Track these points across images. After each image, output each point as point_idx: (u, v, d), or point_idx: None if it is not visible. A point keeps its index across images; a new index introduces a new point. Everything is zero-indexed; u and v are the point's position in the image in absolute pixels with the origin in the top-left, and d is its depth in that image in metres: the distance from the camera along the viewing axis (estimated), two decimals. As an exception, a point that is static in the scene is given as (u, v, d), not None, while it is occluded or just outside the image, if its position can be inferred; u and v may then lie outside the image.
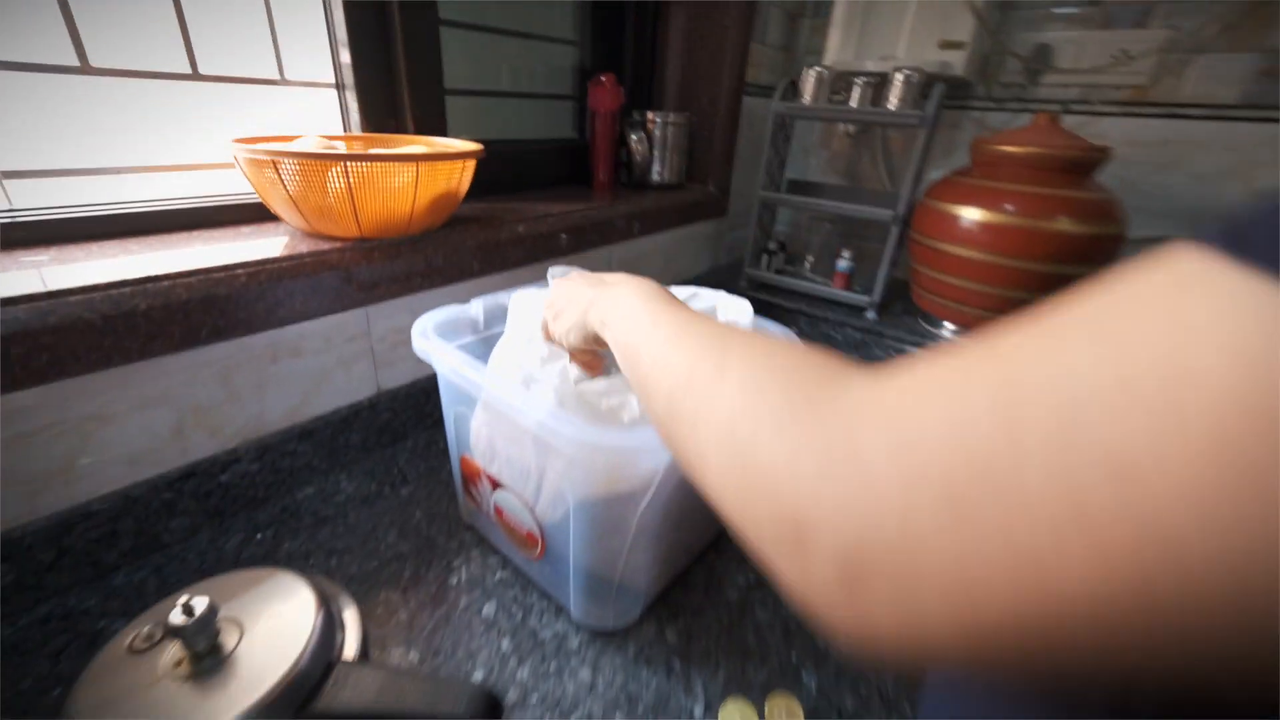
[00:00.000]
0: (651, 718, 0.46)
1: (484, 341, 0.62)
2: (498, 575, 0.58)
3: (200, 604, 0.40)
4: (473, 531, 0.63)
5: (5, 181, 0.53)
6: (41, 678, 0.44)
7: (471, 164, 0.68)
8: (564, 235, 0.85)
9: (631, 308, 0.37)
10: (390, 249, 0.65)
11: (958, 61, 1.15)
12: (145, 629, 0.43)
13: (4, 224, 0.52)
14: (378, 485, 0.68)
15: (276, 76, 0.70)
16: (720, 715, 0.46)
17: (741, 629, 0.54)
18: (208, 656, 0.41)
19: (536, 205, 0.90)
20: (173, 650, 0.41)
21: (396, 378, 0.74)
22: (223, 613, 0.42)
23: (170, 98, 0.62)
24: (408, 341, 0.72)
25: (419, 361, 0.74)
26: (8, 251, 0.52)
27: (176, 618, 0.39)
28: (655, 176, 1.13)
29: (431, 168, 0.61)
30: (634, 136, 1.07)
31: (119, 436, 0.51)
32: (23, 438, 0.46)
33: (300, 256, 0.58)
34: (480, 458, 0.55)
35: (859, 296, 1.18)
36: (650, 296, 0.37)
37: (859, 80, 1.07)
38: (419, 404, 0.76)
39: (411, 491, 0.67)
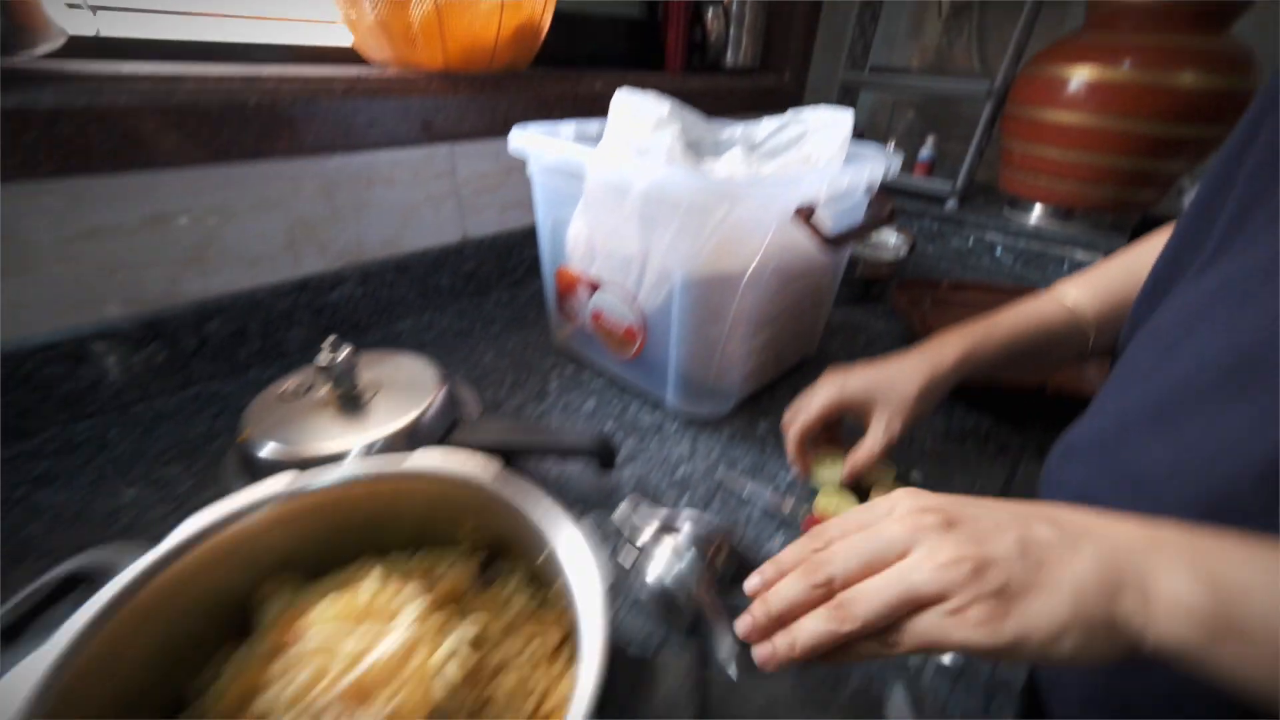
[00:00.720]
0: (751, 474, 0.47)
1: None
2: (594, 383, 0.60)
3: (344, 348, 0.43)
4: (565, 354, 0.65)
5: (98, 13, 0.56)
6: (203, 432, 0.49)
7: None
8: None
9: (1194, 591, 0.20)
10: (475, 82, 0.65)
11: None
12: (292, 383, 0.46)
13: (102, 38, 0.55)
14: (469, 324, 0.70)
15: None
16: (815, 468, 0.46)
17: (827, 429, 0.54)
18: (350, 399, 0.44)
19: (599, 74, 0.89)
20: (319, 395, 0.45)
21: (482, 227, 0.75)
22: (360, 372, 0.45)
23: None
24: (493, 188, 0.74)
25: (503, 212, 0.77)
26: (109, 60, 0.55)
27: (323, 358, 0.42)
28: (729, 59, 1.09)
29: (519, -10, 0.61)
30: (710, 13, 1.03)
31: (239, 236, 0.55)
32: (161, 219, 0.50)
33: (391, 79, 0.60)
34: (579, 263, 0.56)
35: (940, 185, 1.12)
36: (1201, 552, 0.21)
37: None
38: (502, 258, 0.78)
39: (502, 330, 0.69)
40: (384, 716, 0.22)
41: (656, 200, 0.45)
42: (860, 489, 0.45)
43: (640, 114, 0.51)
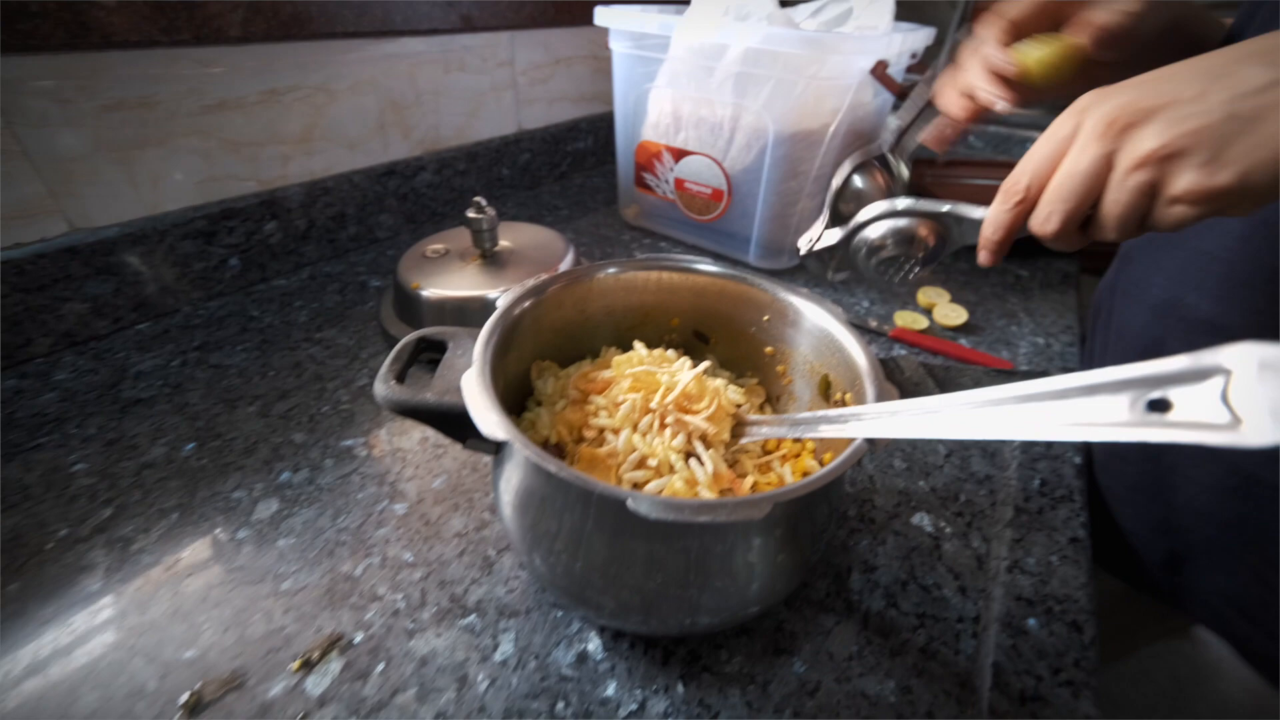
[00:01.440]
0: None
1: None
2: (675, 250, 0.65)
3: (488, 207, 0.46)
4: (639, 229, 0.70)
5: None
6: (333, 304, 0.52)
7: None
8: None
9: None
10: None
11: None
12: (431, 246, 0.50)
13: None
14: (535, 211, 0.73)
15: None
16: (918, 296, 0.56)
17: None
18: (491, 257, 0.48)
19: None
20: (461, 254, 0.49)
21: (534, 118, 0.77)
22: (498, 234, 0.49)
23: None
24: (545, 79, 0.75)
25: (550, 105, 0.79)
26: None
27: (473, 213, 0.46)
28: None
29: None
30: None
31: (341, 116, 0.55)
32: (274, 95, 0.50)
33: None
34: (662, 136, 0.60)
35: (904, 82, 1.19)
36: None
37: None
38: (550, 151, 0.80)
39: (570, 214, 0.73)
40: (709, 413, 0.29)
41: (755, 60, 0.50)
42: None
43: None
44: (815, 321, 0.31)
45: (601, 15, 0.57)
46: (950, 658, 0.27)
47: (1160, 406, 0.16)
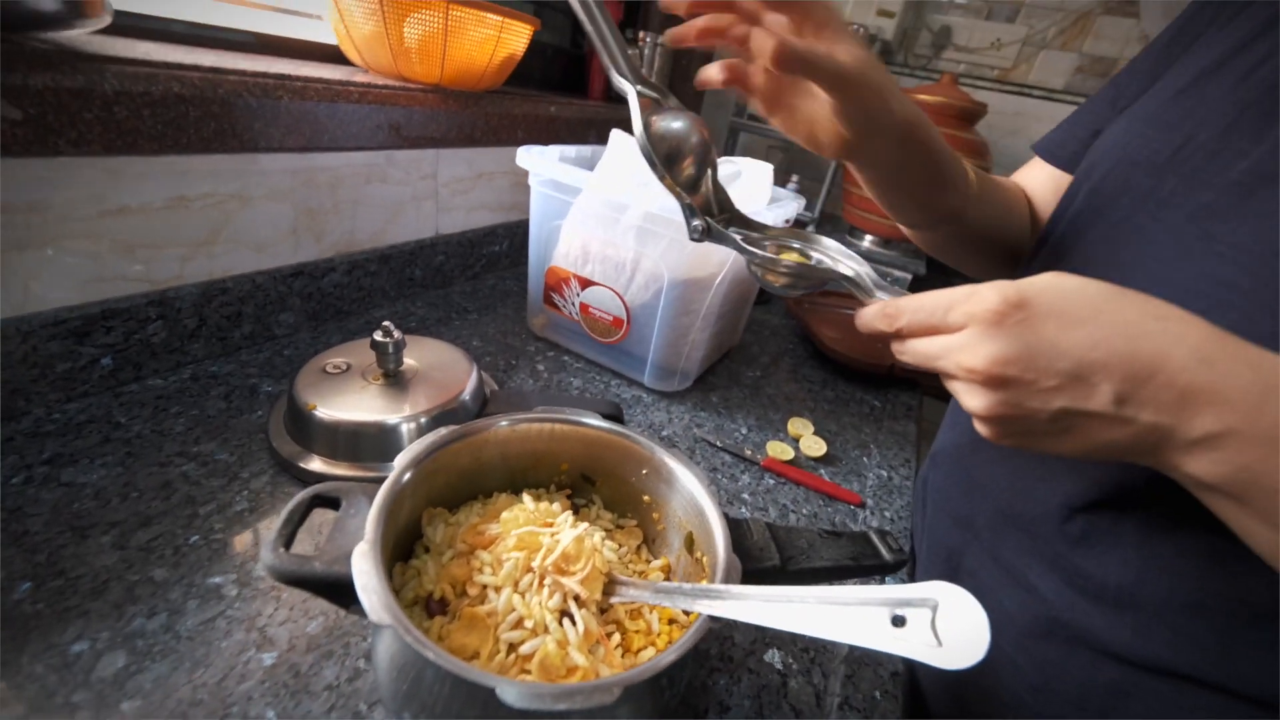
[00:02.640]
0: (715, 431, 0.63)
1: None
2: (575, 365, 0.70)
3: (395, 331, 0.49)
4: (545, 341, 0.74)
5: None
6: (215, 411, 0.50)
7: (529, 34, 0.76)
8: (582, 125, 0.96)
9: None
10: (464, 99, 0.72)
11: (888, 28, 1.41)
12: (332, 360, 0.51)
13: (116, 11, 0.54)
14: (443, 312, 0.76)
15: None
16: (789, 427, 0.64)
17: (759, 397, 0.72)
18: (393, 376, 0.50)
19: (551, 97, 0.99)
20: (362, 371, 0.50)
21: (452, 224, 0.81)
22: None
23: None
24: (466, 190, 0.81)
25: (469, 213, 0.84)
26: (123, 38, 0.54)
27: (379, 336, 0.48)
28: (643, 92, 1.24)
29: (510, 25, 0.69)
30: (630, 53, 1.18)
31: (252, 221, 0.56)
32: (183, 201, 0.50)
33: (400, 88, 0.65)
34: (571, 265, 0.66)
35: (804, 214, 1.40)
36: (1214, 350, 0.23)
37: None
38: (465, 254, 0.84)
39: (477, 319, 0.76)
40: (584, 575, 0.32)
41: (652, 220, 0.58)
42: None
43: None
44: (685, 484, 0.37)
45: (523, 158, 0.63)
46: (781, 801, 0.31)
47: (899, 622, 0.21)
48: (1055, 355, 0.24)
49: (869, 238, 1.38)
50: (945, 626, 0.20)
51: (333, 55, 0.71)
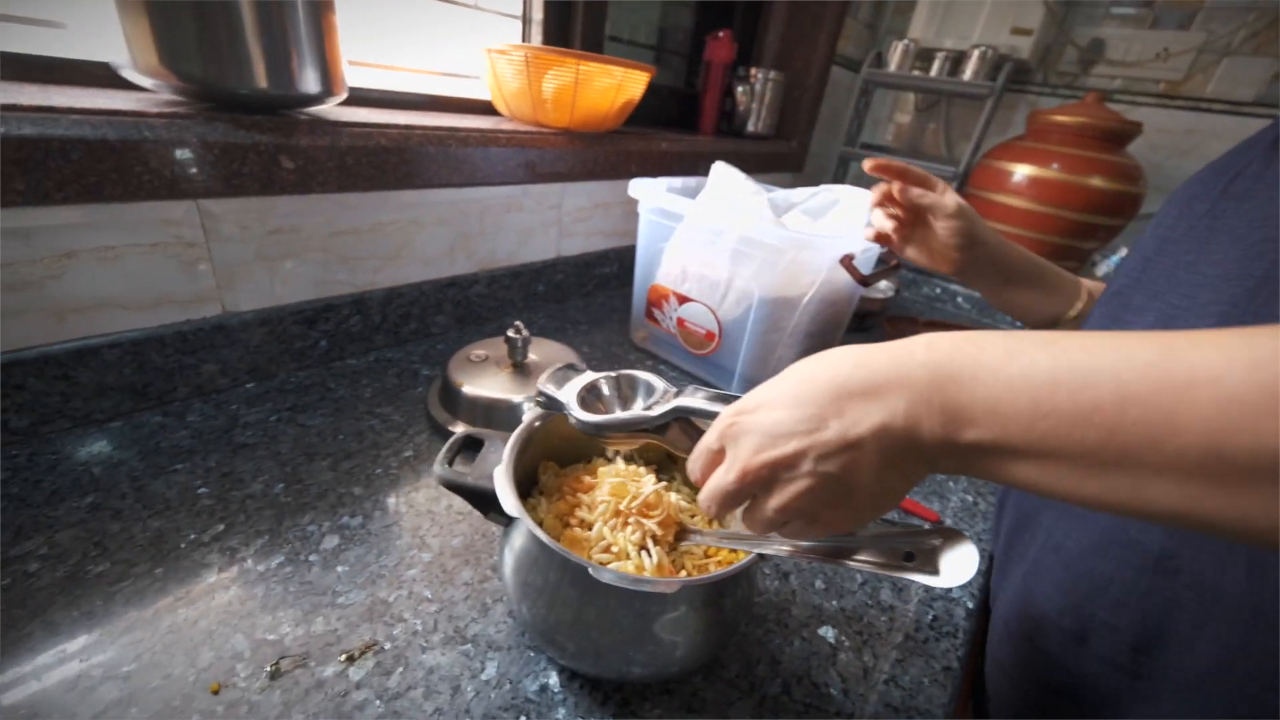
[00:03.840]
0: None
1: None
2: (670, 374, 0.79)
3: (524, 329, 0.61)
4: (644, 352, 0.84)
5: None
6: (391, 385, 0.65)
7: (646, 80, 0.88)
8: (692, 158, 1.06)
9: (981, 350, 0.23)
10: (588, 139, 0.85)
11: (1025, 47, 1.35)
12: (475, 351, 0.64)
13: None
14: (559, 323, 0.88)
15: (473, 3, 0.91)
16: None
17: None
18: (520, 366, 0.62)
19: (663, 133, 1.10)
20: (497, 361, 0.62)
21: (571, 248, 0.94)
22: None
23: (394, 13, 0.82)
24: (585, 219, 0.93)
25: (587, 238, 0.96)
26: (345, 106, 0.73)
27: (511, 333, 0.60)
28: (751, 127, 1.33)
29: (630, 75, 0.82)
30: (740, 89, 1.27)
31: (424, 241, 0.72)
32: (380, 226, 0.67)
33: (537, 132, 0.79)
34: (671, 282, 0.75)
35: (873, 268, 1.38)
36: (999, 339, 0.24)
37: (939, 54, 1.27)
38: (580, 274, 0.97)
39: (588, 330, 0.88)
40: (660, 517, 0.40)
41: (747, 242, 0.66)
42: None
43: (736, 181, 0.72)
44: (747, 459, 0.43)
45: (634, 188, 0.74)
46: (815, 731, 0.37)
47: (909, 557, 0.27)
48: (778, 425, 0.26)
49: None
50: (944, 559, 0.26)
51: (486, 108, 0.88)
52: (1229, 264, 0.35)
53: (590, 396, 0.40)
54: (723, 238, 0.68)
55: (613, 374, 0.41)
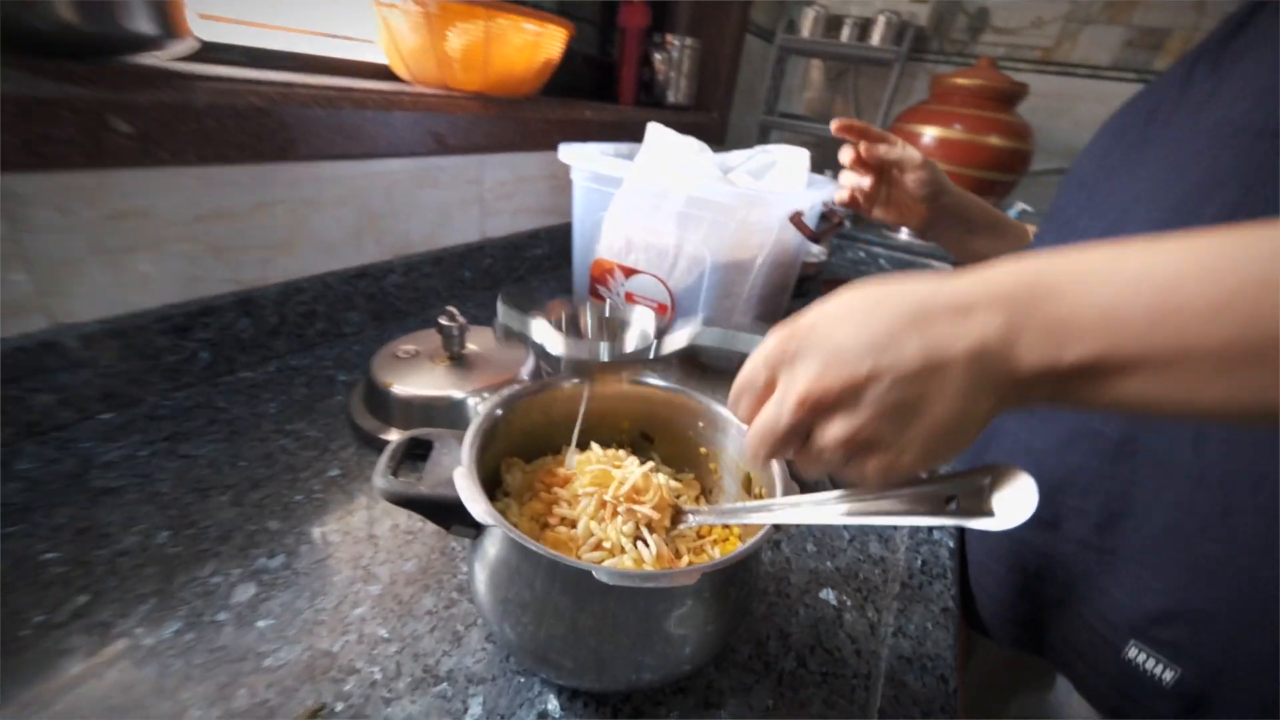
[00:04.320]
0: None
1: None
2: (623, 353, 0.73)
3: (459, 316, 0.53)
4: (590, 332, 0.78)
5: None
6: (301, 397, 0.55)
7: (565, 38, 0.81)
8: (615, 128, 1.00)
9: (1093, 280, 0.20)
10: (506, 105, 0.77)
11: (922, 14, 1.42)
12: (402, 347, 0.55)
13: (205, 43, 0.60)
14: (493, 312, 0.80)
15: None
16: None
17: None
18: (458, 359, 0.54)
19: (585, 103, 1.04)
20: (430, 355, 0.54)
21: (498, 228, 0.86)
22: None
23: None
24: (509, 195, 0.86)
25: (514, 216, 0.88)
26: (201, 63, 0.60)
27: (444, 320, 0.52)
28: (671, 97, 1.29)
29: (548, 31, 0.74)
30: (658, 56, 1.23)
31: (321, 225, 0.62)
32: (264, 206, 0.56)
33: (446, 95, 0.70)
34: (614, 255, 0.70)
35: (841, 210, 1.41)
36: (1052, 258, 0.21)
37: (847, 21, 1.29)
38: (510, 257, 0.89)
39: (524, 314, 0.80)
40: (653, 502, 0.35)
41: (694, 204, 0.61)
42: None
43: (675, 141, 0.67)
44: (740, 430, 0.39)
45: (564, 153, 0.68)
46: (846, 707, 0.33)
47: (951, 501, 0.24)
48: (845, 343, 0.23)
49: (905, 230, 1.39)
50: (997, 499, 0.23)
51: (383, 73, 0.78)
52: (1159, 177, 0.40)
53: (570, 329, 0.35)
54: (668, 201, 0.63)
55: (599, 304, 0.37)
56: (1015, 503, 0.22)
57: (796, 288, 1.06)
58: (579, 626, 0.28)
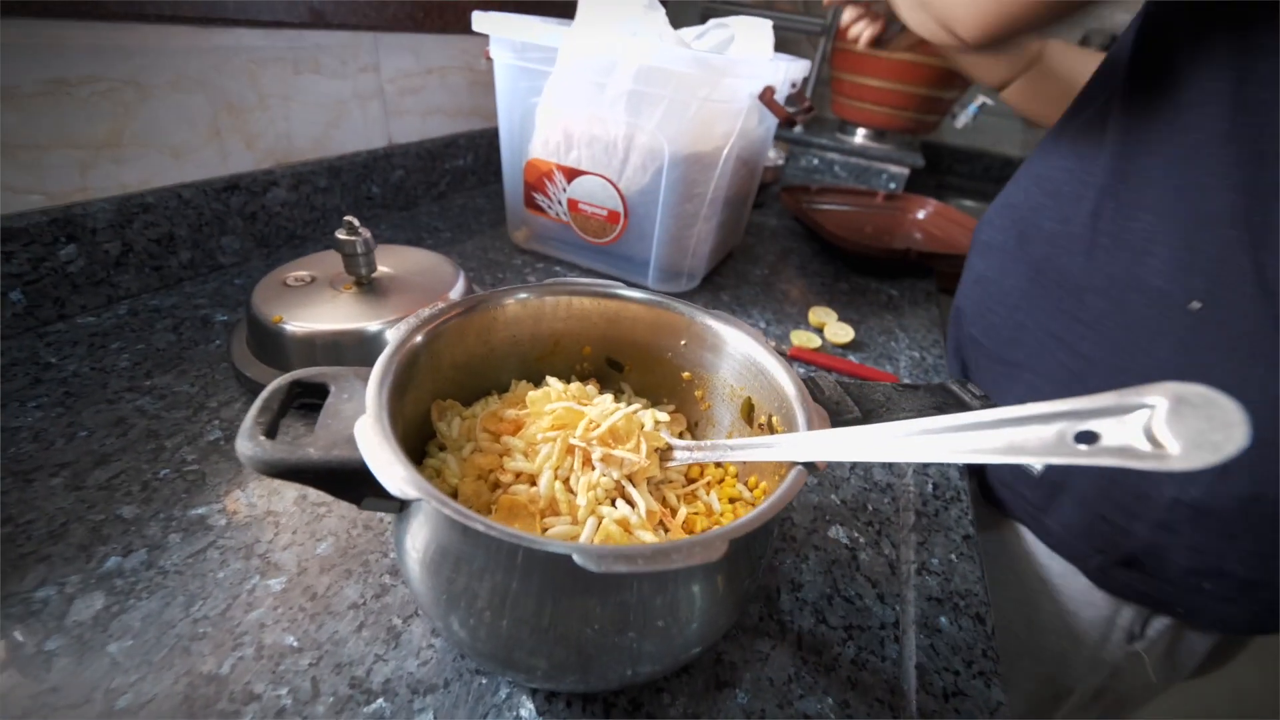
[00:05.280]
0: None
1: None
2: (571, 274, 0.64)
3: (361, 228, 0.42)
4: (531, 253, 0.67)
5: None
6: (165, 344, 0.43)
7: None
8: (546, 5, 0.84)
9: None
10: (399, -34, 0.61)
11: None
12: (292, 274, 0.44)
13: None
14: (412, 234, 0.68)
15: None
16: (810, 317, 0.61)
17: (772, 292, 0.67)
18: (369, 284, 0.44)
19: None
20: (330, 281, 0.43)
21: (406, 132, 0.71)
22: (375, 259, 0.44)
23: None
24: (416, 89, 0.71)
25: (425, 118, 0.74)
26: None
27: (343, 234, 0.41)
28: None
29: None
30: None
31: (160, 117, 0.47)
32: (65, 85, 0.41)
33: (318, -52, 0.54)
34: (552, 154, 0.58)
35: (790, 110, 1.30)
36: None
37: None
38: (427, 169, 0.75)
39: (452, 239, 0.68)
40: (642, 447, 0.27)
41: (648, 79, 0.50)
42: None
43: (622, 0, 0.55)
44: (736, 345, 0.32)
45: (480, 21, 0.54)
46: (878, 665, 0.29)
47: (1088, 438, 0.17)
48: None
49: (861, 131, 1.30)
50: (1173, 427, 0.15)
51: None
52: None
53: None
54: (615, 76, 0.51)
55: None
56: (1207, 429, 0.15)
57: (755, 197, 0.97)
58: (554, 622, 0.21)
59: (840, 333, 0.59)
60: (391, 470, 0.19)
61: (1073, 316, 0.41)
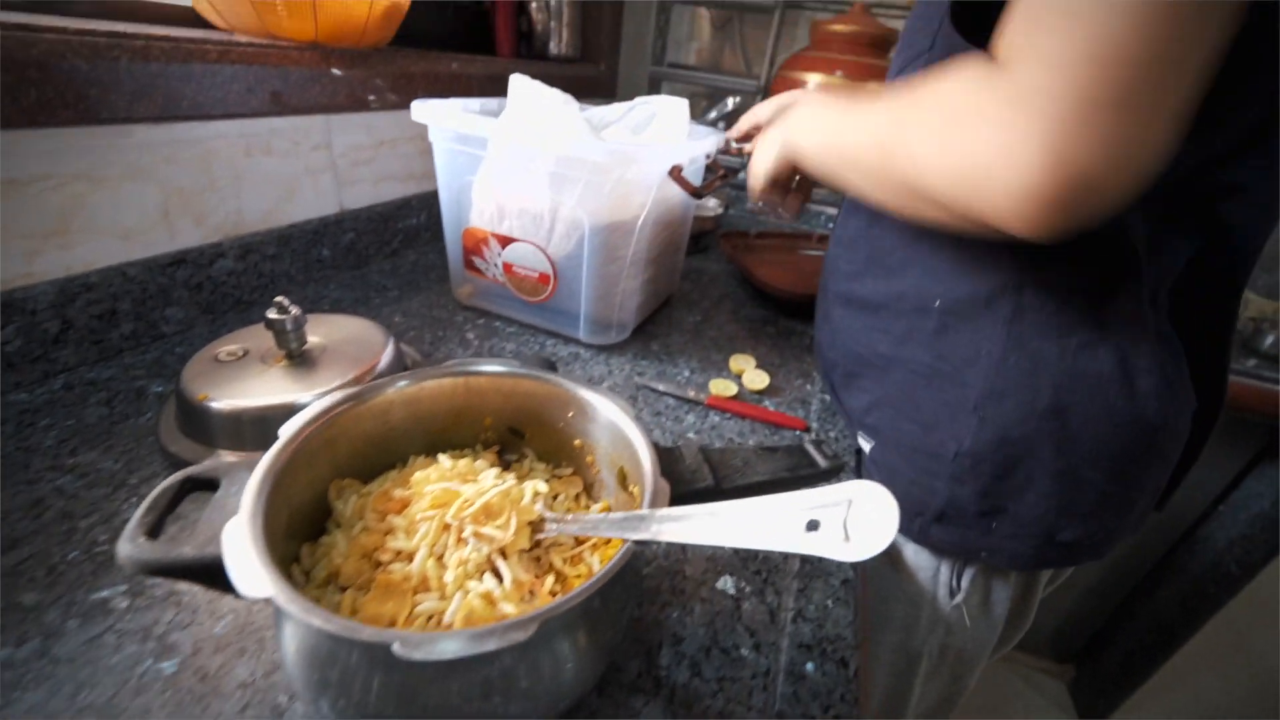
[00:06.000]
0: (657, 378, 0.61)
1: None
2: (508, 330, 0.67)
3: (291, 306, 0.44)
4: (474, 310, 0.70)
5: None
6: (95, 419, 0.45)
7: (414, -22, 0.70)
8: (489, 81, 0.90)
9: (811, 116, 0.44)
10: (352, 58, 0.66)
11: None
12: (224, 348, 0.46)
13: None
14: (361, 293, 0.71)
15: None
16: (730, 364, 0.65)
17: (700, 340, 0.71)
18: (299, 357, 0.46)
19: (454, 55, 0.92)
20: (261, 356, 0.46)
21: (358, 198, 0.75)
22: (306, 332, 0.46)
23: None
24: (368, 160, 0.75)
25: (376, 184, 0.78)
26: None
27: (273, 314, 0.44)
28: (553, 49, 1.18)
29: (387, -34, 0.63)
30: (534, 3, 1.11)
31: (109, 205, 0.50)
32: (17, 185, 0.44)
33: (270, 45, 0.58)
34: (487, 223, 0.62)
35: (735, 160, 1.38)
36: (823, 100, 0.44)
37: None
38: (379, 230, 0.78)
39: (400, 295, 0.71)
40: (511, 523, 0.30)
41: (566, 164, 0.55)
42: None
43: (540, 93, 0.60)
44: (608, 416, 0.35)
45: (419, 111, 0.59)
46: (744, 715, 0.31)
47: (814, 526, 0.20)
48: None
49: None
50: (854, 523, 0.19)
51: (188, 18, 0.64)
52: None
53: None
54: (538, 161, 0.56)
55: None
56: (872, 525, 0.19)
57: (694, 243, 1.02)
58: (417, 700, 0.23)
59: (757, 379, 0.62)
60: (247, 572, 0.21)
61: (881, 331, 0.49)
